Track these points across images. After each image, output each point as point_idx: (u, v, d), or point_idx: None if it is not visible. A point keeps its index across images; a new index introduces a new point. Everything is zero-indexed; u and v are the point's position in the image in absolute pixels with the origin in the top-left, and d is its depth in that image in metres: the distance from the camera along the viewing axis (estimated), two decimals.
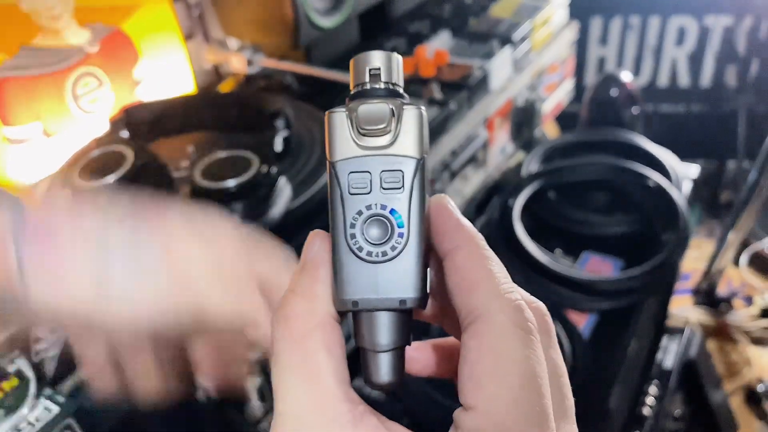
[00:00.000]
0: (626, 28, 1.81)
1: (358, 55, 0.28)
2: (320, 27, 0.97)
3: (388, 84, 0.27)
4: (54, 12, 0.80)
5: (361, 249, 0.26)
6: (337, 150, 0.26)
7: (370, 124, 0.26)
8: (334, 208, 0.27)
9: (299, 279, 0.27)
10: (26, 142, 0.80)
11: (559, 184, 1.05)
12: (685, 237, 0.92)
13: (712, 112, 1.84)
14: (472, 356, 0.24)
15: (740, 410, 1.35)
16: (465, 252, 0.26)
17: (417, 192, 0.26)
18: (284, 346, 0.26)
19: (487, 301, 0.25)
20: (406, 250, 0.26)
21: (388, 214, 0.26)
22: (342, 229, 0.26)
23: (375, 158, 0.26)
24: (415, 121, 0.26)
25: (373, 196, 0.26)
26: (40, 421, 0.58)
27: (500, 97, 1.02)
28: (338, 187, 0.26)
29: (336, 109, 0.27)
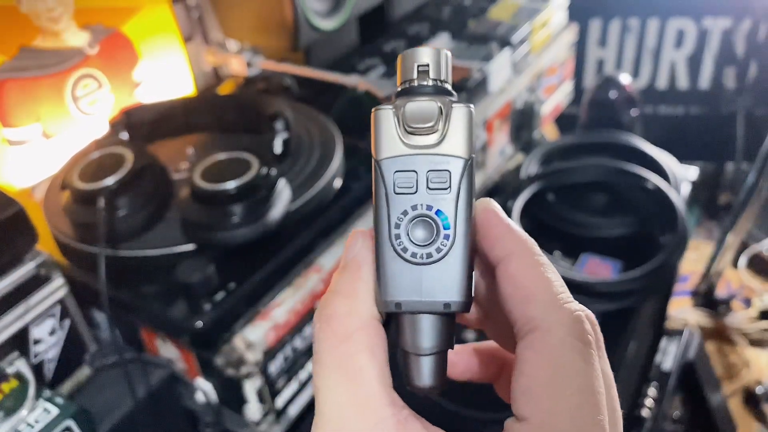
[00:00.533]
0: (625, 30, 1.81)
1: (406, 51, 0.27)
2: (319, 29, 0.97)
3: (436, 81, 0.27)
4: (54, 13, 0.80)
5: (405, 250, 0.26)
6: (382, 148, 0.26)
7: (417, 122, 0.25)
8: (378, 207, 0.26)
9: (341, 278, 0.27)
10: (26, 144, 0.80)
11: (558, 186, 1.05)
12: (683, 239, 0.92)
13: (710, 114, 1.84)
14: (529, 368, 0.23)
15: (739, 412, 1.35)
16: (519, 259, 0.25)
17: (464, 193, 0.26)
18: (327, 346, 0.25)
19: (545, 312, 0.24)
20: (451, 252, 0.26)
21: (434, 215, 0.25)
22: (386, 228, 0.26)
23: (422, 157, 0.25)
24: (463, 119, 0.25)
25: (419, 195, 0.26)
26: (39, 423, 0.58)
27: (499, 99, 1.02)
28: (383, 186, 0.26)
29: (383, 107, 0.26)
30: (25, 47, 0.79)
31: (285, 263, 0.69)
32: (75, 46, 0.83)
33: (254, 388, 0.65)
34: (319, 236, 0.73)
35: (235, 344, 0.63)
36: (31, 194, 0.80)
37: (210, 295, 0.63)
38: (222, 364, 0.63)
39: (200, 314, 0.62)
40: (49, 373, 0.65)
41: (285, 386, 0.69)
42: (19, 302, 0.60)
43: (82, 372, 0.67)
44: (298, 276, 0.70)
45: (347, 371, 0.25)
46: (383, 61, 1.03)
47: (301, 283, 0.69)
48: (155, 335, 0.70)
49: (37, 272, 0.61)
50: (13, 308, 0.59)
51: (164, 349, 0.70)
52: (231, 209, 0.64)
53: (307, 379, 0.72)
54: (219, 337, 0.63)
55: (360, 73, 1.00)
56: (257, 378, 0.65)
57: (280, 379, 0.68)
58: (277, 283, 0.68)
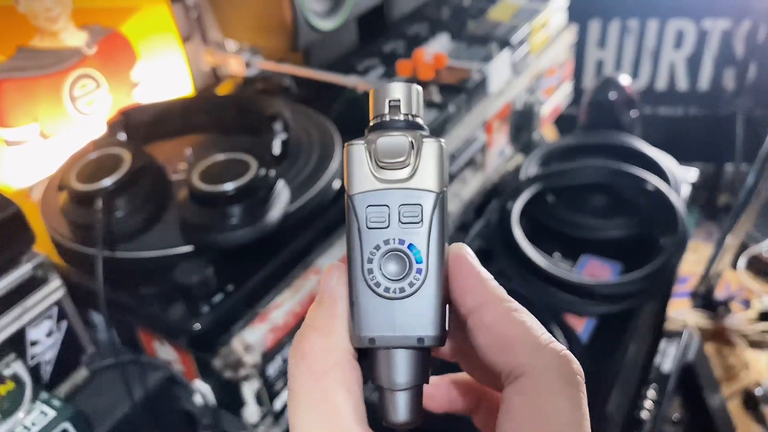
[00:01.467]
0: (625, 31, 1.81)
1: (378, 87, 0.27)
2: (319, 29, 0.97)
3: (407, 116, 0.27)
4: (51, 13, 0.80)
5: (378, 284, 0.25)
6: (355, 183, 0.26)
7: (388, 156, 0.25)
8: (351, 241, 0.26)
9: (317, 314, 0.26)
10: (23, 144, 0.79)
11: (558, 187, 1.05)
12: (683, 240, 0.92)
13: (710, 115, 1.84)
14: (517, 412, 0.23)
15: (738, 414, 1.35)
16: (493, 309, 0.25)
17: (436, 227, 0.26)
18: (302, 383, 0.25)
19: (530, 357, 0.24)
20: (424, 286, 0.25)
21: (406, 249, 0.25)
22: (359, 263, 0.26)
23: (394, 192, 0.25)
24: (434, 153, 0.26)
25: (392, 230, 0.26)
26: (36, 425, 0.57)
27: (499, 100, 1.02)
28: (356, 221, 0.26)
29: (354, 141, 0.26)
30: (22, 47, 0.78)
31: (283, 265, 0.69)
32: (73, 46, 0.83)
33: (252, 390, 0.65)
34: (317, 238, 0.73)
35: (234, 346, 0.62)
36: (29, 195, 0.80)
37: (208, 297, 0.63)
38: (220, 366, 0.63)
39: (198, 316, 0.62)
40: (46, 375, 0.64)
41: (283, 388, 0.69)
42: (15, 304, 0.59)
43: (79, 374, 0.67)
44: (297, 278, 0.69)
45: (323, 409, 0.24)
46: (382, 61, 1.03)
47: (299, 284, 0.69)
48: (153, 337, 0.69)
49: (34, 273, 0.60)
50: (9, 310, 0.59)
51: (162, 351, 0.70)
52: (229, 210, 0.64)
53: None
54: (217, 339, 0.63)
55: (359, 73, 0.99)
56: (255, 380, 0.65)
57: (279, 382, 0.68)
58: (275, 284, 0.68)
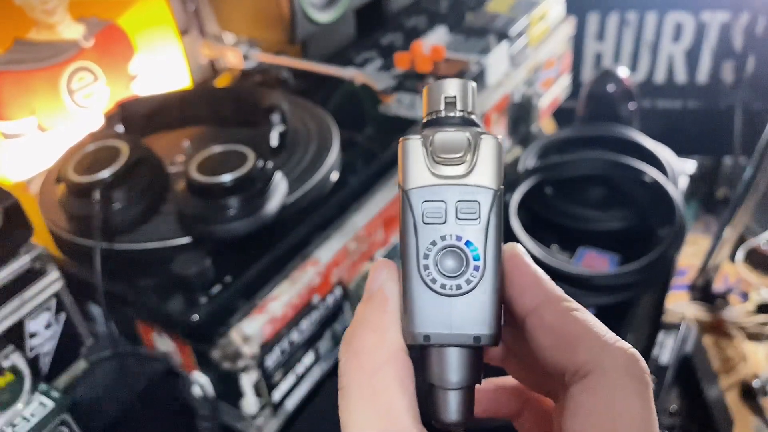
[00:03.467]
0: (623, 23, 1.81)
1: (433, 82, 0.27)
2: (316, 22, 0.97)
3: (463, 112, 0.27)
4: (48, 6, 0.79)
5: (434, 281, 0.25)
6: (411, 177, 0.26)
7: (446, 152, 0.25)
8: (406, 237, 0.26)
9: (367, 310, 0.26)
10: (21, 137, 0.79)
11: (556, 179, 1.05)
12: (681, 232, 0.92)
13: (708, 108, 1.84)
14: (585, 411, 0.23)
15: (736, 405, 1.36)
16: (553, 308, 0.25)
17: (494, 224, 0.25)
18: (355, 380, 0.24)
19: (597, 354, 0.23)
20: (481, 284, 0.25)
21: (463, 246, 0.25)
22: (414, 259, 0.25)
23: (451, 188, 0.25)
24: (492, 150, 0.25)
25: (448, 226, 0.25)
26: (35, 417, 0.58)
27: (497, 93, 1.02)
28: (411, 216, 0.25)
29: (411, 136, 0.26)
30: (19, 40, 0.78)
31: (281, 256, 0.69)
32: (70, 39, 0.83)
33: (251, 381, 0.65)
34: (315, 229, 0.73)
35: (232, 338, 0.62)
36: (27, 187, 0.80)
37: (206, 289, 0.63)
38: (218, 358, 0.63)
39: (196, 307, 0.62)
40: (44, 367, 0.64)
41: (282, 380, 0.69)
42: (14, 296, 0.59)
43: (78, 366, 0.67)
44: (295, 269, 0.69)
45: (377, 406, 0.24)
46: (380, 54, 1.03)
47: (297, 276, 0.69)
48: (151, 329, 0.70)
49: (32, 266, 0.60)
50: (8, 302, 0.59)
51: (160, 343, 0.70)
52: (227, 202, 0.64)
53: (303, 372, 0.72)
54: (215, 331, 0.63)
55: (357, 66, 0.99)
56: (254, 371, 0.65)
57: (277, 373, 0.68)
58: (273, 276, 0.68)
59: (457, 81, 0.27)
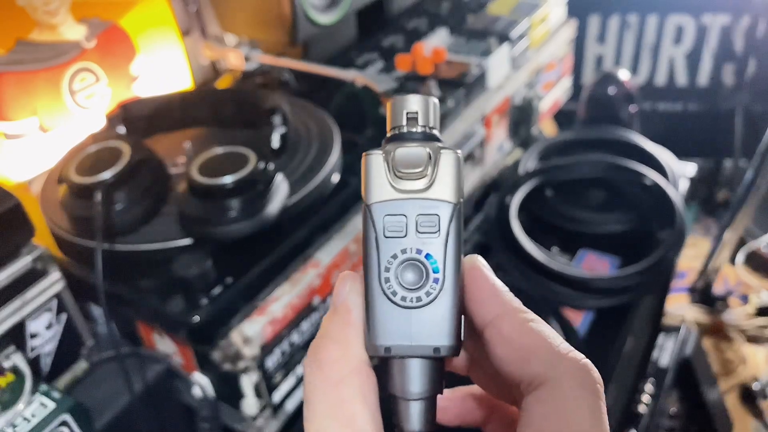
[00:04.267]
0: (624, 26, 1.81)
1: (396, 98, 0.28)
2: (318, 23, 0.97)
3: (425, 127, 0.27)
4: (50, 7, 0.80)
5: (395, 293, 0.26)
6: (373, 192, 0.26)
7: (406, 167, 0.26)
8: (368, 250, 0.26)
9: (331, 323, 0.27)
10: (22, 138, 0.79)
11: (557, 181, 1.05)
12: (681, 235, 0.92)
13: (709, 110, 1.84)
14: (538, 422, 0.23)
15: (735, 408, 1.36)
16: (509, 320, 0.26)
17: (453, 237, 0.26)
18: (319, 392, 0.25)
19: (550, 366, 0.24)
20: (441, 296, 0.26)
21: (423, 259, 0.26)
22: (376, 272, 0.26)
23: (411, 202, 0.26)
24: (452, 165, 0.26)
25: (409, 240, 0.26)
26: (35, 417, 0.58)
27: (498, 95, 1.02)
28: (373, 230, 0.26)
29: (373, 152, 0.26)
30: (21, 40, 0.78)
31: (282, 258, 0.69)
32: (72, 40, 0.83)
33: (251, 382, 0.65)
34: (316, 231, 0.73)
35: (233, 339, 0.63)
36: (28, 188, 0.80)
37: (207, 290, 0.63)
38: (219, 359, 0.63)
39: (197, 309, 0.62)
40: (45, 368, 0.65)
41: (282, 381, 0.69)
42: (15, 296, 0.60)
43: (78, 366, 0.67)
44: (296, 271, 0.70)
45: (340, 418, 0.24)
46: (382, 56, 1.03)
47: (298, 278, 0.69)
48: (152, 330, 0.70)
49: (33, 266, 0.61)
50: (9, 302, 0.59)
51: (161, 344, 0.70)
52: (228, 204, 0.64)
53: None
54: (216, 332, 0.63)
55: (358, 67, 0.99)
56: (254, 373, 0.65)
57: (277, 374, 0.68)
58: (274, 277, 0.68)
59: (418, 97, 0.27)
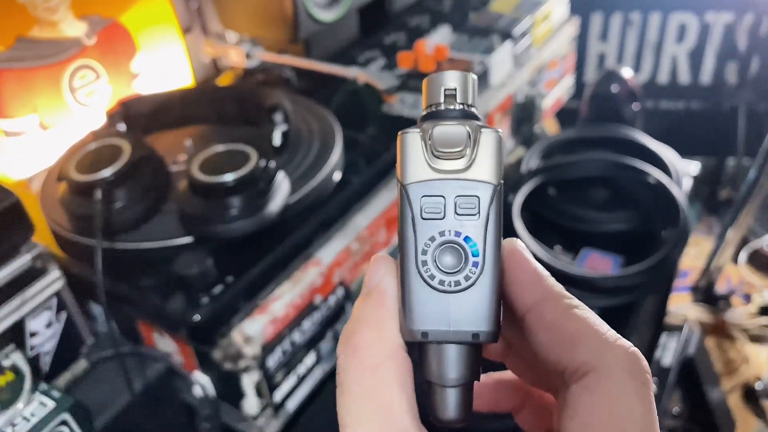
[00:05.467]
0: (627, 24, 1.80)
1: (432, 75, 0.27)
2: (319, 21, 0.97)
3: (464, 105, 0.26)
4: (51, 3, 0.79)
5: (432, 277, 0.25)
6: (409, 172, 0.25)
7: (445, 146, 0.25)
8: (404, 232, 0.25)
9: (365, 307, 0.26)
10: (22, 135, 0.79)
11: (559, 180, 1.04)
12: (684, 234, 0.92)
13: (712, 109, 1.84)
14: (585, 410, 0.23)
15: (738, 408, 1.35)
16: (553, 306, 0.25)
17: (493, 220, 0.25)
18: (354, 377, 0.24)
19: (597, 353, 0.23)
20: (480, 280, 0.25)
21: (462, 242, 0.25)
22: (413, 255, 0.25)
23: (450, 182, 0.25)
24: (492, 144, 0.25)
25: (447, 221, 0.25)
26: (35, 416, 0.57)
27: (500, 93, 1.02)
28: (410, 211, 0.25)
29: (409, 130, 0.25)
30: (22, 37, 0.78)
31: (284, 256, 0.69)
32: (72, 37, 0.82)
33: (252, 382, 0.65)
34: (318, 229, 0.73)
35: (233, 338, 0.62)
36: (28, 186, 0.80)
37: (208, 289, 0.63)
38: (220, 358, 0.63)
39: (198, 307, 0.62)
40: (45, 366, 0.64)
41: (283, 380, 0.69)
42: (15, 294, 0.59)
43: (78, 365, 0.67)
44: (297, 269, 0.69)
45: (377, 403, 0.24)
46: (383, 53, 1.03)
47: (299, 276, 0.69)
48: (152, 328, 0.69)
49: (33, 264, 0.60)
50: (9, 300, 0.59)
51: (161, 343, 0.69)
52: (229, 202, 0.64)
53: (305, 373, 0.72)
54: (217, 331, 0.62)
55: (360, 65, 0.99)
56: (255, 372, 0.64)
57: (279, 373, 0.68)
58: (275, 276, 0.68)
59: (457, 73, 0.26)
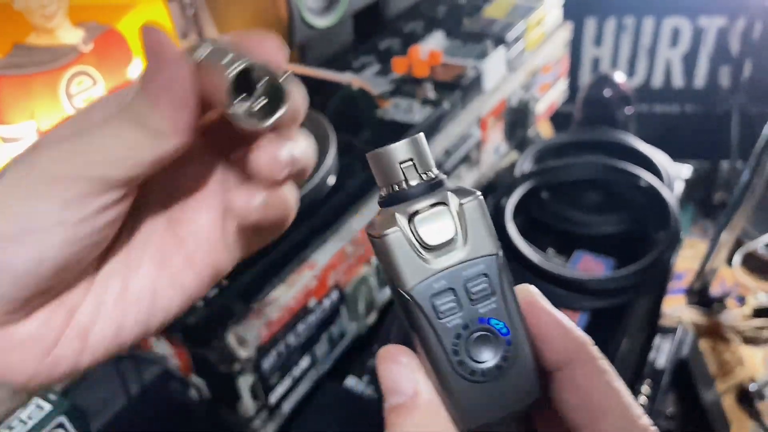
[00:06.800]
0: (621, 28, 1.82)
1: (378, 151, 0.24)
2: (314, 26, 0.97)
3: (427, 174, 0.24)
4: (47, 11, 0.80)
5: (474, 373, 0.23)
6: (407, 277, 0.23)
7: (435, 239, 0.23)
8: (425, 339, 0.23)
9: (419, 420, 0.24)
10: (20, 141, 0.80)
11: (552, 183, 1.05)
12: (676, 235, 0.93)
13: (705, 112, 1.85)
14: None
15: (732, 410, 1.36)
16: (584, 367, 0.24)
17: (508, 289, 0.24)
18: None
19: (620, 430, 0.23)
20: (518, 354, 0.24)
21: (489, 327, 0.23)
22: (445, 359, 0.23)
23: (453, 271, 0.23)
24: (479, 213, 0.24)
25: (466, 312, 0.23)
26: (32, 419, 0.58)
27: (494, 97, 1.03)
28: (423, 316, 0.23)
29: (387, 231, 0.23)
30: (18, 44, 0.79)
31: (278, 259, 0.70)
32: (69, 44, 0.83)
33: (247, 384, 0.65)
34: (312, 233, 0.73)
35: (228, 341, 0.63)
36: None
37: None
38: (215, 361, 0.63)
39: (193, 310, 0.62)
40: None
41: (278, 382, 0.70)
42: None
43: None
44: (292, 273, 0.70)
45: None
46: (378, 58, 1.03)
47: (294, 279, 0.69)
48: None
49: None
50: None
51: (157, 346, 0.70)
52: None
53: (300, 375, 0.73)
54: (212, 334, 0.63)
55: (354, 70, 1.00)
56: (250, 374, 0.65)
57: (274, 376, 0.69)
58: (270, 279, 0.68)
59: (405, 142, 0.24)
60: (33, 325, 0.26)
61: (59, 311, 0.26)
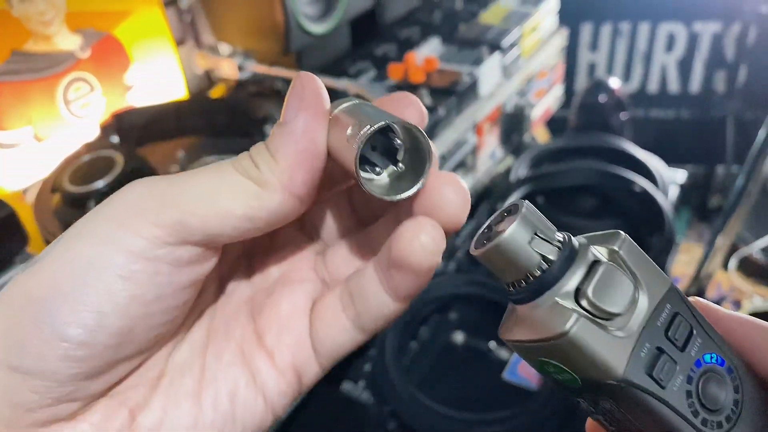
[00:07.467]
0: (616, 34, 1.82)
1: (496, 244, 0.21)
2: (311, 33, 0.98)
3: (557, 240, 0.21)
4: (45, 17, 0.80)
5: (720, 425, 0.21)
6: (614, 363, 0.20)
7: (620, 301, 0.20)
8: (659, 420, 0.20)
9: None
10: (17, 147, 0.80)
11: (548, 189, 1.06)
12: (670, 240, 0.93)
13: (701, 117, 1.86)
14: None
15: None
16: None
17: (698, 316, 0.22)
18: None
19: None
20: (741, 376, 0.21)
21: (710, 367, 0.21)
22: (689, 427, 0.21)
23: (647, 330, 0.20)
24: (636, 252, 0.21)
25: (682, 364, 0.21)
26: None
27: (489, 103, 1.03)
28: (649, 397, 0.20)
29: (568, 325, 0.19)
30: (16, 51, 0.79)
31: None
32: (67, 50, 0.84)
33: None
34: None
35: None
36: (23, 197, 0.81)
37: None
38: None
39: None
40: None
41: None
42: None
43: None
44: None
45: None
46: (374, 64, 1.04)
47: None
48: None
49: None
50: None
51: None
52: None
53: None
54: None
55: (351, 77, 1.00)
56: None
57: None
58: None
59: (520, 220, 0.21)
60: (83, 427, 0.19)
61: (119, 412, 0.20)
